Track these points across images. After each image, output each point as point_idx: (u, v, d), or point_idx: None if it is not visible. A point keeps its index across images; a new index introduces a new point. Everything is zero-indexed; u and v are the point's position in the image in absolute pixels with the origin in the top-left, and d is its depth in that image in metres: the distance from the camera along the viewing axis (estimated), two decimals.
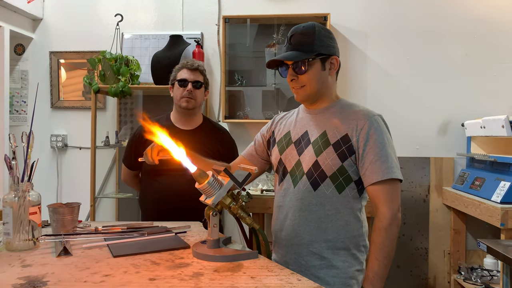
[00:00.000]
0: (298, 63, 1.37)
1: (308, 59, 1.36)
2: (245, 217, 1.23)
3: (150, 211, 2.04)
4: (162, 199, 1.98)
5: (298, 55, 1.37)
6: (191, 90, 2.03)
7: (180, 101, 2.04)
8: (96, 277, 1.01)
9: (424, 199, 2.88)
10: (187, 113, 2.08)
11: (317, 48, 1.37)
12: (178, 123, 2.10)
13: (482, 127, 2.48)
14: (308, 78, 1.38)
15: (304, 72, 1.38)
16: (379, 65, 2.94)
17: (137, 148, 2.03)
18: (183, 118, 2.10)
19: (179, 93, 2.05)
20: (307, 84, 1.39)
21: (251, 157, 1.61)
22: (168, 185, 1.96)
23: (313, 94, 1.42)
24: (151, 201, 2.04)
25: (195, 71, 2.08)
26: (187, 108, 2.04)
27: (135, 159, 1.91)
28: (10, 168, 1.27)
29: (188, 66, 2.08)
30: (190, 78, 2.05)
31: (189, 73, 2.06)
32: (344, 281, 1.37)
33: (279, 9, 2.95)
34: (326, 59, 1.40)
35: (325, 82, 1.42)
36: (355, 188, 1.38)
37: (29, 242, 1.25)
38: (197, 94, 2.06)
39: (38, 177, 1.35)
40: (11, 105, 3.20)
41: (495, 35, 2.84)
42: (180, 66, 2.11)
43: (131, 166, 2.15)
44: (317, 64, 1.39)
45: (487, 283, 2.41)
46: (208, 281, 0.98)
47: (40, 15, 3.17)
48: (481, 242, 1.68)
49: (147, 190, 2.08)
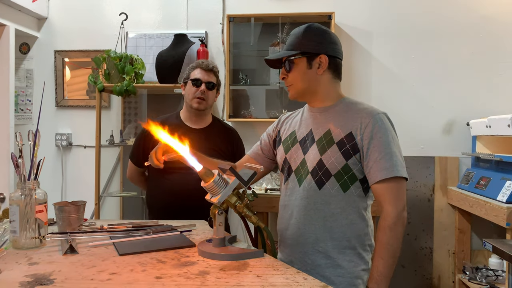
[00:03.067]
0: (286, 62, 1.40)
1: (289, 57, 1.38)
2: (251, 215, 1.23)
3: (159, 209, 2.02)
4: (171, 198, 1.95)
5: (282, 53, 1.41)
6: (204, 90, 2.01)
7: (192, 101, 2.03)
8: (102, 275, 1.01)
9: (429, 199, 2.87)
10: (198, 113, 2.06)
11: (301, 47, 1.38)
12: (188, 121, 2.08)
13: (487, 126, 2.46)
14: (293, 76, 1.41)
15: (289, 71, 1.41)
16: (384, 64, 2.93)
17: (145, 145, 1.99)
18: (194, 118, 2.08)
19: (192, 93, 2.03)
20: (293, 82, 1.42)
21: (257, 156, 1.61)
22: (178, 184, 1.93)
23: (300, 93, 1.43)
24: (160, 199, 2.01)
25: (210, 72, 2.06)
26: (198, 109, 2.03)
27: (143, 156, 1.90)
28: (16, 167, 1.27)
29: (203, 67, 2.06)
30: (204, 79, 2.03)
31: (204, 74, 2.04)
32: (350, 281, 1.36)
33: (283, 8, 2.95)
34: (313, 57, 1.39)
35: (313, 81, 1.41)
36: (360, 186, 1.38)
37: (35, 240, 1.25)
38: (209, 95, 2.05)
39: (43, 176, 1.35)
40: (16, 103, 3.21)
41: (501, 35, 2.82)
42: (195, 65, 2.09)
43: (138, 164, 2.12)
44: (303, 63, 1.39)
45: (492, 283, 2.40)
46: (214, 280, 0.99)
47: (45, 14, 3.19)
48: (487, 241, 1.67)
49: (155, 189, 2.05)
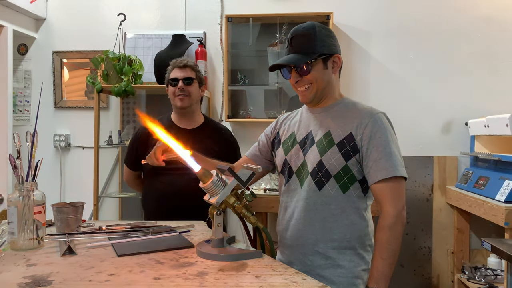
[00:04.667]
0: (301, 65, 1.37)
1: (310, 60, 1.36)
2: (249, 216, 1.22)
3: (152, 210, 2.04)
4: (163, 198, 1.98)
5: (301, 57, 1.37)
6: (182, 87, 2.02)
7: (174, 100, 2.05)
8: (101, 276, 1.01)
9: (428, 198, 2.87)
10: (185, 112, 2.07)
11: (319, 48, 1.37)
12: (178, 123, 2.10)
13: (486, 126, 2.46)
14: (313, 76, 1.38)
15: (308, 73, 1.38)
16: (382, 64, 2.93)
17: (138, 149, 2.04)
18: (183, 118, 2.09)
19: (172, 93, 2.05)
20: (314, 81, 1.39)
21: (255, 157, 1.61)
22: (169, 184, 1.96)
23: (319, 93, 1.41)
24: (152, 200, 2.04)
25: (185, 68, 2.07)
26: (182, 107, 2.04)
27: (137, 159, 1.94)
28: (14, 168, 1.27)
29: (177, 65, 2.08)
30: (180, 76, 2.05)
31: (179, 71, 2.06)
32: (350, 281, 1.37)
33: (282, 8, 2.94)
34: (328, 58, 1.40)
35: (330, 81, 1.42)
36: (359, 187, 1.38)
37: (33, 241, 1.25)
38: (191, 91, 2.05)
39: (41, 177, 1.35)
40: (14, 104, 3.20)
41: (499, 34, 2.83)
42: (171, 66, 2.12)
43: (133, 167, 2.15)
44: (320, 64, 1.39)
45: (491, 282, 2.40)
46: (213, 280, 0.98)
47: (43, 15, 3.18)
48: (485, 241, 1.67)
49: (148, 190, 2.08)
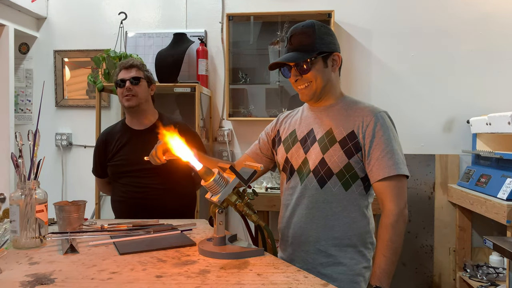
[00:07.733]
0: (300, 63, 1.37)
1: (310, 58, 1.36)
2: (251, 214, 1.22)
3: (119, 213, 2.07)
4: (124, 200, 2.01)
5: (300, 55, 1.37)
6: (129, 87, 2.01)
7: (122, 101, 2.05)
8: (103, 274, 1.01)
9: (429, 197, 2.87)
10: (134, 111, 2.06)
11: (318, 46, 1.37)
12: (131, 124, 2.10)
13: (487, 123, 2.46)
14: (313, 74, 1.38)
15: (308, 71, 1.38)
16: (383, 62, 2.93)
17: (99, 156, 2.09)
18: (134, 118, 2.09)
19: (120, 94, 2.05)
20: (313, 80, 1.39)
21: (255, 155, 1.61)
22: (129, 186, 1.99)
23: (318, 91, 1.41)
24: (116, 203, 2.07)
25: (130, 68, 2.06)
26: (130, 107, 2.03)
27: (100, 167, 2.09)
28: (16, 166, 1.27)
29: (123, 66, 2.08)
30: (127, 77, 2.04)
31: (125, 72, 2.06)
32: (351, 278, 1.37)
33: (283, 7, 2.94)
34: (328, 56, 1.40)
35: (330, 79, 1.42)
36: (361, 185, 1.38)
37: (36, 239, 1.26)
38: (138, 90, 2.03)
39: (43, 176, 1.35)
40: (16, 103, 3.21)
41: (500, 32, 2.82)
42: (118, 68, 2.11)
43: (98, 174, 2.17)
44: (319, 62, 1.38)
45: (493, 280, 2.40)
46: (215, 278, 0.99)
47: (44, 14, 3.18)
48: (487, 239, 1.67)
49: (113, 193, 2.11)
